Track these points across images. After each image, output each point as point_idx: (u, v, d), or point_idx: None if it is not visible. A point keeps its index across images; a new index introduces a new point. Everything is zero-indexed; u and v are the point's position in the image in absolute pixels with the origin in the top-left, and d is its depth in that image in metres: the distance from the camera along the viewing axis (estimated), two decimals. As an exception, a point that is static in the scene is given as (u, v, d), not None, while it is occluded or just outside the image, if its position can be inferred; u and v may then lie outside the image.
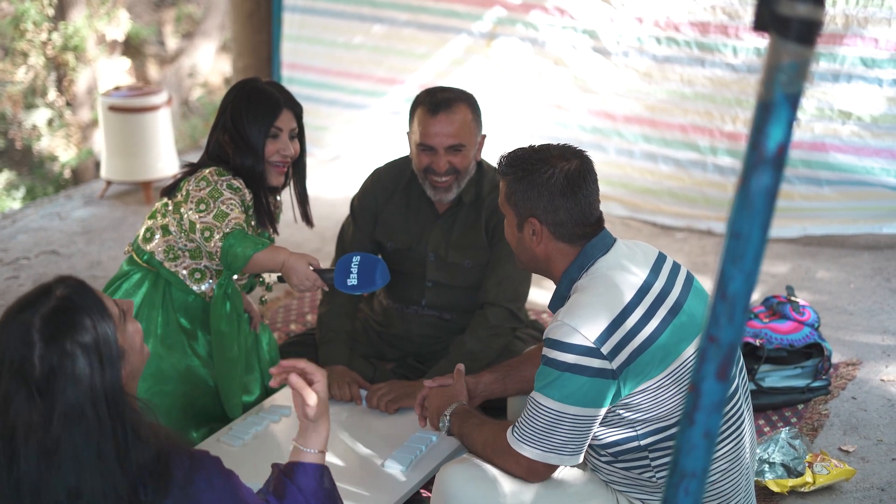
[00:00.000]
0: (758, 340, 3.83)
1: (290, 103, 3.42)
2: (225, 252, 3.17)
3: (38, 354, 1.84)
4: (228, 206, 3.25)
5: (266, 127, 3.35)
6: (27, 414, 1.83)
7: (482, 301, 3.65)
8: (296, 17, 6.95)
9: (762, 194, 1.25)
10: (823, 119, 5.38)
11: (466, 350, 3.56)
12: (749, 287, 1.28)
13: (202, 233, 3.22)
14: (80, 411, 1.84)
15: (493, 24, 6.25)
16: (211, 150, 3.43)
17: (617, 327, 2.46)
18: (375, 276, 3.17)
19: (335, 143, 7.02)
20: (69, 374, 1.84)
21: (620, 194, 5.97)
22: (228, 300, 3.36)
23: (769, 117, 1.23)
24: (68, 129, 10.83)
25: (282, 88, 3.47)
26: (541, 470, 2.57)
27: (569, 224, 2.60)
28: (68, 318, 1.87)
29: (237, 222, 3.22)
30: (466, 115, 3.54)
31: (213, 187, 3.27)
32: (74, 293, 1.92)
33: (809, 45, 1.22)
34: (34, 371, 1.83)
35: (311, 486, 2.19)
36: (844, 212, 5.47)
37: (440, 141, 3.52)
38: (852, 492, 3.31)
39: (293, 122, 3.42)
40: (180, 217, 3.33)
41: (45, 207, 6.27)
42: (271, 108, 3.37)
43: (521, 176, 2.61)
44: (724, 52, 5.58)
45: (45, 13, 10.13)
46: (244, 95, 3.39)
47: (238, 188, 3.32)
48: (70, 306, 1.89)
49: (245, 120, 3.35)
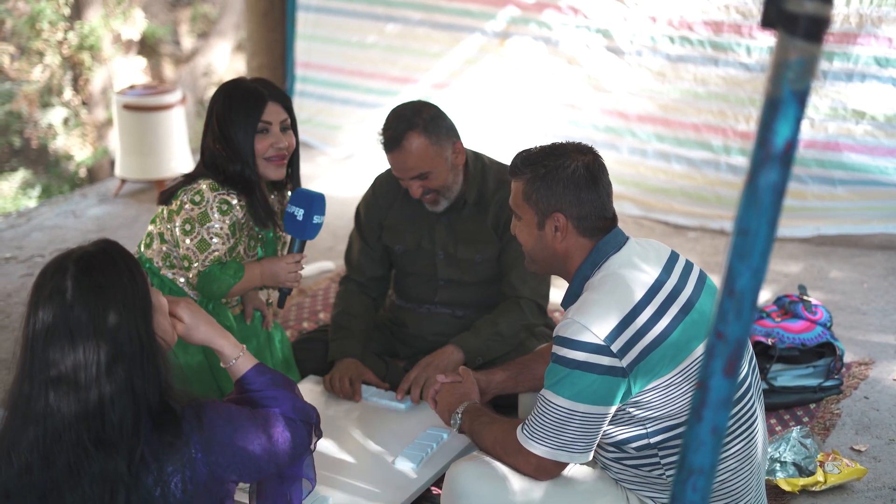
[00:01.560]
0: (770, 339, 3.83)
1: (277, 95, 3.32)
2: (202, 282, 3.22)
3: (73, 277, 2.05)
4: (213, 235, 3.23)
5: (252, 124, 3.26)
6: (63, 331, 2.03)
7: (510, 295, 3.66)
8: (310, 16, 6.96)
9: (770, 191, 1.25)
10: (837, 119, 5.36)
11: (497, 330, 3.58)
12: (756, 283, 1.28)
13: (182, 259, 3.25)
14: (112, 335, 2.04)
15: (507, 24, 6.25)
16: (205, 158, 3.36)
17: (627, 325, 2.46)
18: (312, 203, 3.25)
19: (348, 142, 7.03)
20: (103, 297, 2.05)
21: (633, 193, 5.96)
22: (214, 315, 3.37)
23: (777, 114, 1.24)
24: (84, 129, 10.86)
25: (266, 83, 3.37)
26: (550, 467, 2.57)
27: (591, 217, 2.61)
28: (104, 256, 2.13)
29: (216, 256, 3.22)
30: (420, 143, 3.48)
31: (204, 210, 3.23)
32: (112, 244, 2.19)
33: (817, 41, 1.22)
34: (66, 293, 2.03)
35: (264, 383, 2.34)
36: (858, 212, 5.45)
37: (403, 174, 3.55)
38: (864, 491, 3.30)
39: (283, 113, 3.33)
40: (173, 227, 3.29)
41: (60, 205, 6.29)
42: (255, 102, 3.27)
43: (542, 173, 2.61)
44: (737, 51, 5.57)
45: (61, 13, 10.16)
46: (226, 96, 3.30)
47: (229, 209, 3.25)
48: (108, 248, 2.16)
49: (229, 120, 3.26)
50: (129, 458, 2.02)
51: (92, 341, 2.01)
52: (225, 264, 3.22)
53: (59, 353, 2.01)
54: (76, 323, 2.01)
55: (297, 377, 3.70)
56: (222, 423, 2.14)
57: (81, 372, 2.01)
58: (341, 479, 3.03)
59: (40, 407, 2.02)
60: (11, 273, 5.16)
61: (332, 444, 3.22)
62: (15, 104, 10.44)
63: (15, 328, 4.48)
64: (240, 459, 2.16)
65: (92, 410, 2.01)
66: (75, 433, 2.01)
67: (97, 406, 2.01)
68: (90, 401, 2.00)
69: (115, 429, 2.01)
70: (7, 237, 5.69)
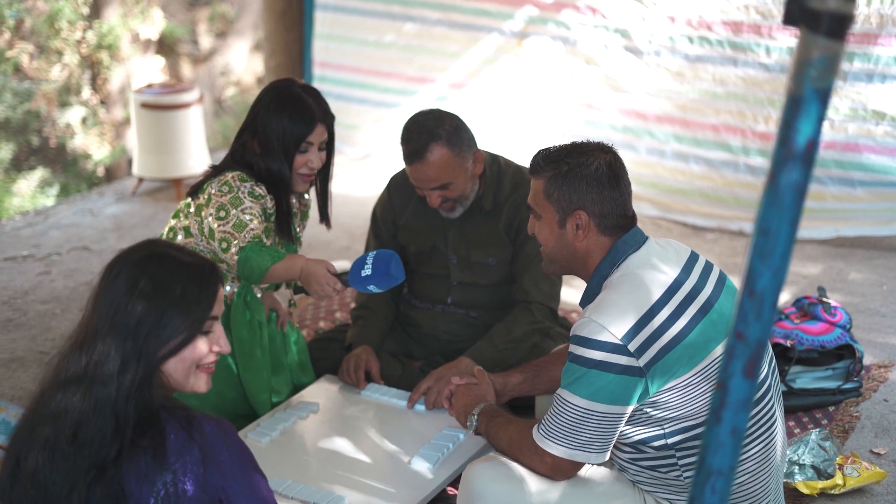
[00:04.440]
0: (789, 341, 3.81)
1: (324, 116, 3.36)
2: (241, 264, 3.16)
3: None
4: (248, 215, 3.22)
5: (298, 141, 3.30)
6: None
7: (521, 300, 3.66)
8: (327, 15, 6.96)
9: (791, 190, 1.24)
10: (857, 119, 5.33)
11: (512, 337, 3.58)
12: (777, 284, 1.27)
13: (220, 243, 3.21)
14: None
15: (525, 23, 6.24)
16: (235, 152, 3.38)
17: (644, 325, 2.45)
18: (390, 268, 3.13)
19: (365, 142, 7.03)
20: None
21: (651, 194, 5.94)
22: (248, 308, 3.38)
23: (798, 112, 1.22)
24: (102, 128, 10.90)
25: (318, 96, 3.38)
26: (566, 467, 2.56)
27: (613, 215, 2.60)
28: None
29: (255, 234, 3.19)
30: (441, 154, 3.47)
31: (235, 194, 3.24)
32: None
33: (840, 39, 1.20)
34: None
35: None
36: (877, 213, 5.42)
37: (423, 185, 3.54)
38: (883, 494, 3.28)
39: (324, 134, 3.37)
40: (201, 221, 3.31)
41: (78, 204, 6.31)
42: (306, 123, 3.30)
43: (564, 171, 2.60)
44: (756, 51, 5.54)
45: (79, 12, 10.20)
46: (279, 103, 3.31)
47: (260, 195, 3.28)
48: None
49: (277, 129, 3.29)
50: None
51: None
52: (265, 246, 3.19)
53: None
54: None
55: (312, 377, 3.69)
56: (221, 446, 2.05)
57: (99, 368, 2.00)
58: (357, 478, 3.02)
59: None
60: (28, 271, 5.17)
61: (348, 444, 3.22)
62: (33, 103, 10.48)
63: (32, 326, 4.50)
64: (234, 489, 2.05)
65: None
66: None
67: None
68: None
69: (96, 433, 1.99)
70: (25, 235, 5.71)
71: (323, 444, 3.23)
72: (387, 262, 3.13)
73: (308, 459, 3.15)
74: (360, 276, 3.14)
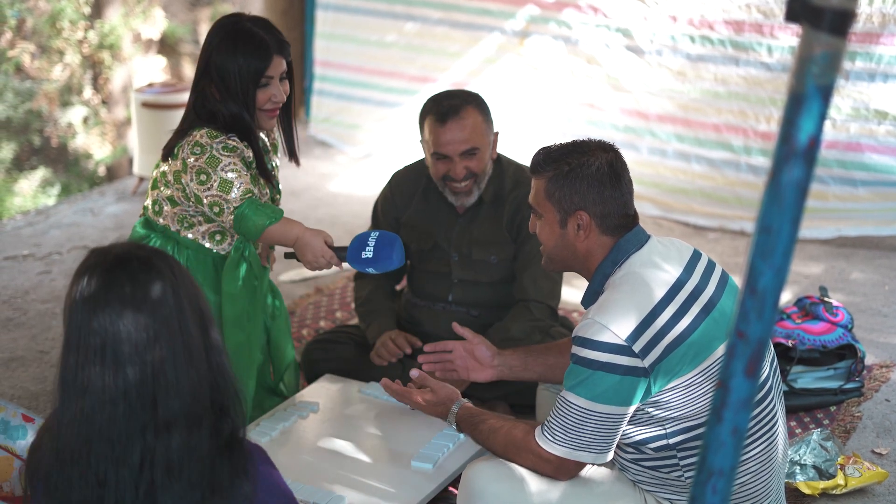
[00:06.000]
0: (790, 341, 3.80)
1: (279, 46, 3.20)
2: (237, 222, 3.09)
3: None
4: (230, 171, 3.11)
5: (256, 77, 3.16)
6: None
7: (520, 298, 3.66)
8: (329, 14, 6.96)
9: (793, 188, 1.23)
10: (859, 119, 5.32)
11: (510, 335, 3.56)
12: (779, 282, 1.26)
13: (211, 208, 3.12)
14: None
15: (526, 23, 6.23)
16: (196, 103, 3.23)
17: (648, 325, 2.44)
18: (392, 254, 3.09)
19: (367, 141, 7.02)
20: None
21: (653, 194, 5.93)
22: (245, 262, 3.29)
23: (800, 109, 1.22)
24: (103, 127, 10.89)
25: (269, 27, 3.22)
26: (570, 468, 2.56)
27: (614, 215, 2.60)
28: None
29: (245, 188, 3.10)
30: (476, 117, 3.56)
31: (210, 154, 3.11)
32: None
33: (842, 36, 1.20)
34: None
35: None
36: (879, 213, 5.40)
37: (454, 148, 3.53)
38: (885, 495, 3.27)
39: (283, 65, 3.22)
40: (183, 188, 3.19)
41: (78, 203, 6.31)
42: (261, 57, 3.15)
43: (566, 171, 2.59)
44: (758, 50, 5.53)
45: (81, 11, 10.19)
46: (230, 42, 3.16)
47: (234, 147, 3.15)
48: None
49: (232, 69, 3.14)
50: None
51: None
52: (261, 205, 3.13)
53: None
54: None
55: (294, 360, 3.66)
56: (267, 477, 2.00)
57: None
58: (357, 478, 3.01)
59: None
60: (29, 270, 5.17)
61: (349, 444, 3.21)
62: (35, 103, 10.48)
63: (32, 325, 4.49)
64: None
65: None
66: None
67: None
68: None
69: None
70: (25, 234, 5.71)
71: (323, 444, 3.22)
72: (390, 247, 3.10)
73: (308, 459, 3.14)
74: (359, 255, 3.09)
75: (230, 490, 1.88)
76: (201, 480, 1.86)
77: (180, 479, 1.85)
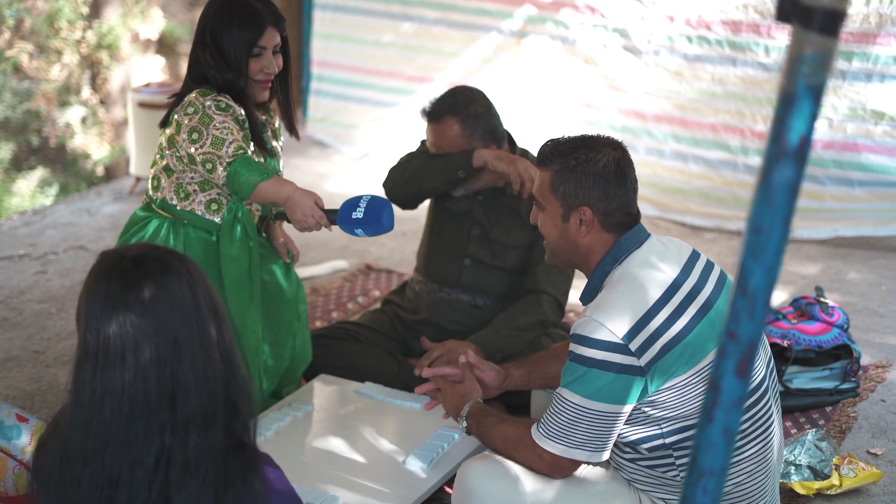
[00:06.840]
0: (786, 341, 3.80)
1: (274, 18, 3.25)
2: (230, 179, 3.08)
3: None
4: (222, 129, 3.12)
5: (249, 46, 3.21)
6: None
7: (531, 289, 3.69)
8: (326, 14, 6.96)
9: (784, 188, 1.23)
10: (856, 119, 5.33)
11: (516, 325, 3.60)
12: (770, 282, 1.26)
13: (204, 165, 3.12)
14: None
15: (524, 23, 6.24)
16: (191, 69, 3.29)
17: (644, 325, 2.44)
18: (382, 217, 3.06)
19: (364, 141, 7.02)
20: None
21: (650, 194, 5.93)
22: (239, 224, 3.28)
23: (791, 109, 1.21)
24: (101, 127, 10.89)
25: (266, 0, 3.30)
26: (565, 465, 2.55)
27: (618, 213, 2.59)
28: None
29: (237, 145, 3.10)
30: (452, 128, 3.65)
31: (202, 113, 3.14)
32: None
33: (833, 35, 1.19)
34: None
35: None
36: (876, 213, 5.41)
37: (432, 146, 3.73)
38: (879, 495, 3.27)
39: (277, 37, 3.26)
40: (177, 150, 3.21)
41: (75, 203, 6.30)
42: (255, 26, 3.21)
43: (572, 165, 2.59)
44: (755, 51, 5.54)
45: (79, 11, 10.19)
46: (225, 11, 3.22)
47: (227, 105, 3.18)
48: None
49: (226, 38, 3.20)
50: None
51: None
52: (254, 163, 3.11)
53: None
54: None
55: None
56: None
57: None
58: (351, 478, 3.01)
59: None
60: (25, 270, 5.16)
61: (343, 444, 3.21)
62: (33, 103, 10.48)
63: (28, 325, 4.49)
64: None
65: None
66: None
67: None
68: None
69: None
70: (21, 234, 5.70)
71: (317, 444, 3.22)
72: (380, 210, 3.07)
73: (302, 459, 3.14)
74: (349, 217, 3.07)
75: (243, 487, 1.88)
76: (216, 479, 1.86)
77: (196, 477, 1.84)
